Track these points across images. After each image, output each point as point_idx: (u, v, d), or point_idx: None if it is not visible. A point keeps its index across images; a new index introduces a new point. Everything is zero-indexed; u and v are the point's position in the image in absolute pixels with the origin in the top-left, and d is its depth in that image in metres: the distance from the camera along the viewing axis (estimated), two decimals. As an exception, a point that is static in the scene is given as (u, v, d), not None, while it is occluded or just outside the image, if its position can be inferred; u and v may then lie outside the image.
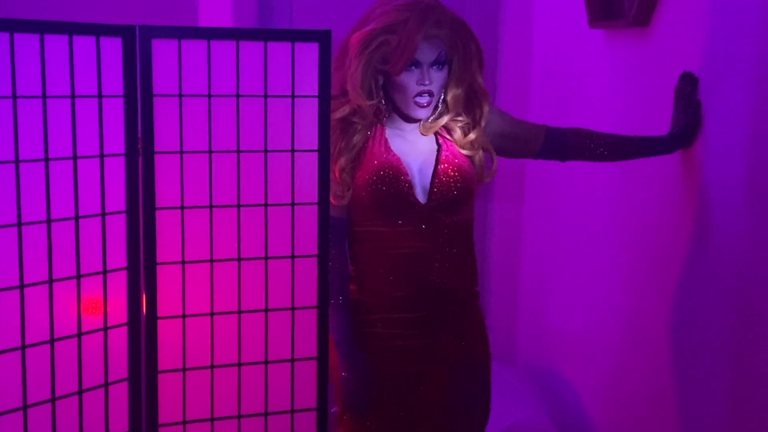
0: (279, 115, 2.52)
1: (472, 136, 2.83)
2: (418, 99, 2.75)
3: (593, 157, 2.96)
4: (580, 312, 4.03)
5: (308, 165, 2.56)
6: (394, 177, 2.76)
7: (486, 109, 2.84)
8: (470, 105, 2.85)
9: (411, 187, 2.77)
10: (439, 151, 2.83)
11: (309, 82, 2.53)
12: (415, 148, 2.83)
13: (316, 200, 2.57)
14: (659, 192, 3.13)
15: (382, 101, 2.80)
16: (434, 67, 2.74)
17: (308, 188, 2.57)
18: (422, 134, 2.84)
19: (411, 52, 2.68)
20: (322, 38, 2.53)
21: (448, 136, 2.85)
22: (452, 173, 2.80)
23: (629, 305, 3.43)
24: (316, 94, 2.54)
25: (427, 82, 2.73)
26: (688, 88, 2.82)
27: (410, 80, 2.74)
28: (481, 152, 2.88)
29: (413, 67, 2.73)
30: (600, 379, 3.77)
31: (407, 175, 2.77)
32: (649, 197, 3.22)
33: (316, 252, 2.59)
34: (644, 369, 3.24)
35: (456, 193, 2.81)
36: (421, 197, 2.80)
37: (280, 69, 2.51)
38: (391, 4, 2.77)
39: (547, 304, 4.47)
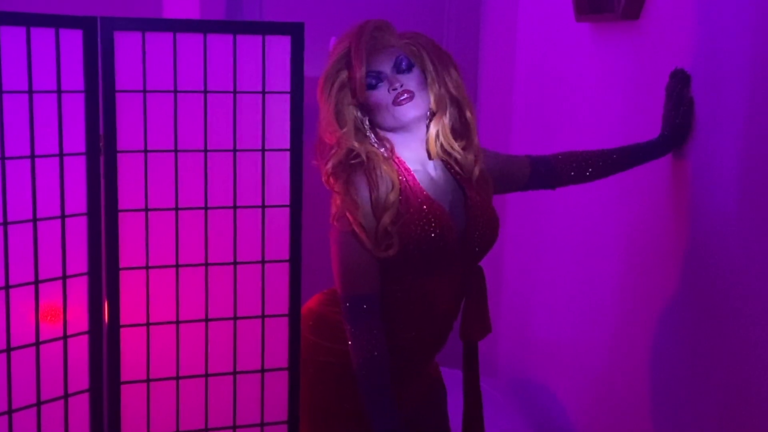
0: (249, 112, 2.53)
1: (470, 157, 2.78)
2: (397, 100, 2.69)
3: (583, 178, 2.97)
4: (563, 322, 4.05)
5: (280, 165, 2.57)
6: (446, 228, 2.71)
7: (469, 116, 2.79)
8: (459, 119, 2.79)
9: (454, 236, 2.74)
10: (465, 195, 2.79)
11: (281, 78, 2.54)
12: (442, 187, 2.79)
13: (288, 202, 2.58)
14: (648, 196, 3.15)
15: (373, 141, 2.74)
16: (400, 73, 2.71)
17: (280, 190, 2.58)
18: (431, 157, 2.78)
19: (362, 64, 2.67)
20: (295, 31, 2.55)
21: (462, 172, 2.80)
22: (487, 221, 2.78)
23: (615, 315, 3.45)
24: (288, 89, 2.55)
25: (396, 85, 2.69)
26: (679, 85, 2.84)
27: (381, 93, 2.70)
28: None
29: (378, 82, 2.70)
30: (584, 391, 3.79)
31: (452, 223, 2.74)
32: (638, 202, 3.24)
33: (287, 257, 2.60)
34: (630, 381, 3.26)
35: (491, 241, 2.83)
36: (456, 248, 2.77)
37: (250, 63, 2.52)
38: (335, 43, 2.79)
39: (530, 314, 4.49)
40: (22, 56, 2.31)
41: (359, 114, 2.73)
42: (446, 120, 2.75)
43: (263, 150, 2.55)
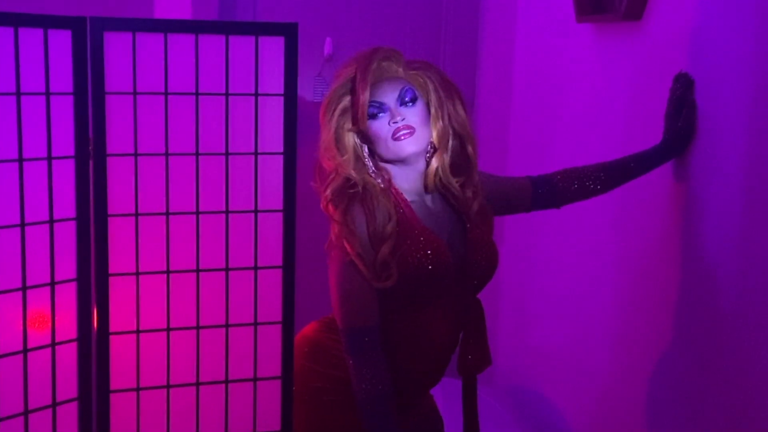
0: (241, 114, 2.53)
1: (468, 193, 2.78)
2: (396, 135, 2.67)
3: (587, 193, 2.96)
4: (561, 329, 4.04)
5: (273, 169, 2.57)
6: (443, 261, 2.71)
7: (471, 152, 2.78)
8: (460, 154, 2.79)
9: (451, 268, 2.74)
10: (464, 228, 2.78)
11: (274, 80, 2.54)
12: (440, 219, 2.78)
13: (281, 207, 2.58)
14: (648, 201, 3.15)
15: (371, 171, 2.73)
16: (403, 106, 2.70)
17: (272, 194, 2.58)
18: (428, 191, 2.78)
19: (365, 93, 2.66)
20: (288, 32, 2.54)
21: (459, 206, 2.80)
22: (486, 253, 2.78)
23: (615, 320, 3.45)
24: (282, 92, 2.55)
25: (398, 118, 2.67)
26: (682, 89, 2.84)
27: (382, 125, 2.69)
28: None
29: (379, 112, 2.69)
30: (583, 399, 3.79)
31: (449, 256, 2.74)
32: (637, 207, 3.23)
33: (281, 263, 2.60)
34: (629, 388, 3.26)
35: (490, 273, 2.83)
36: (453, 280, 2.77)
37: (242, 65, 2.52)
38: (342, 66, 2.78)
39: (527, 322, 4.48)
40: (10, 57, 2.31)
41: (359, 141, 2.73)
42: (447, 157, 2.76)
43: (256, 153, 2.55)
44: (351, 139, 2.71)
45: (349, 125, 2.70)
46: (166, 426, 2.59)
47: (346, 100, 2.70)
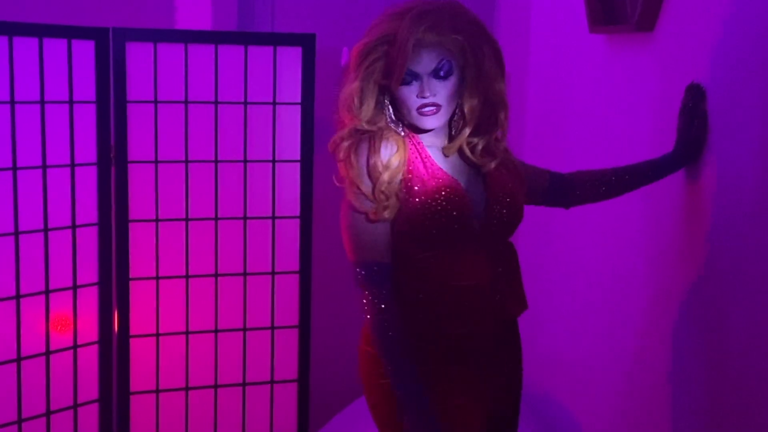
0: (260, 123, 2.61)
1: (486, 160, 2.75)
2: (421, 110, 2.58)
3: (597, 196, 2.95)
4: (578, 334, 4.05)
5: (290, 176, 2.65)
6: (458, 199, 2.69)
7: (502, 116, 2.69)
8: (487, 117, 2.71)
9: (469, 209, 2.65)
10: (483, 173, 2.76)
11: (292, 89, 2.61)
12: (457, 165, 2.77)
13: (298, 213, 2.65)
14: (665, 209, 3.17)
15: (390, 119, 2.71)
16: (436, 78, 2.62)
17: (290, 201, 2.66)
18: (446, 155, 2.77)
19: (403, 63, 2.56)
20: (306, 42, 2.62)
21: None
22: (506, 197, 2.75)
23: (634, 327, 3.46)
24: (299, 101, 2.62)
25: (427, 94, 2.59)
26: (693, 100, 2.86)
27: (410, 94, 2.60)
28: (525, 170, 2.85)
29: (412, 80, 2.59)
30: (600, 406, 3.79)
31: (466, 197, 2.71)
32: (654, 215, 3.26)
33: (297, 268, 2.66)
34: (649, 397, 3.27)
35: (512, 218, 2.78)
36: (475, 222, 2.75)
37: (261, 74, 2.60)
38: (387, 12, 2.67)
39: (542, 326, 4.49)
40: (35, 66, 2.38)
41: (384, 95, 2.69)
42: (467, 131, 2.67)
43: (273, 161, 2.62)
44: (376, 91, 2.67)
45: (378, 77, 2.59)
46: (184, 427, 2.65)
47: (381, 50, 2.59)
